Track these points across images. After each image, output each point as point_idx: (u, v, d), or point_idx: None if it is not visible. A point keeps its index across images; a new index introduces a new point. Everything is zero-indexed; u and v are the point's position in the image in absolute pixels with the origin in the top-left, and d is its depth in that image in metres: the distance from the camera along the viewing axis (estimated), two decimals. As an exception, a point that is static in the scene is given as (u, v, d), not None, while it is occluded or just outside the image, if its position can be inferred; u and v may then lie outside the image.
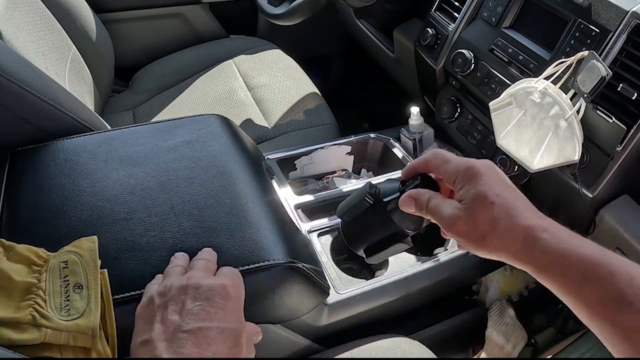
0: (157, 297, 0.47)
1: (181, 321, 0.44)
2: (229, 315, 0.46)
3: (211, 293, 0.46)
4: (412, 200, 0.49)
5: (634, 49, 0.72)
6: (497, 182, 0.46)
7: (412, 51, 1.15)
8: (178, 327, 0.43)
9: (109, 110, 1.34)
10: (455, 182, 0.47)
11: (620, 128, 0.72)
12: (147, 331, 0.44)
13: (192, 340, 0.43)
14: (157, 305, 0.46)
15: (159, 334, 0.43)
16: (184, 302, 0.46)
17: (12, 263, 0.49)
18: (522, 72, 0.87)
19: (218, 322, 0.45)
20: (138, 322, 0.46)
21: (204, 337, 0.43)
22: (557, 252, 0.40)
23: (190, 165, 0.72)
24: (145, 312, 0.47)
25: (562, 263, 0.40)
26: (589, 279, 0.38)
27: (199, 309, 0.45)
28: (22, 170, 0.70)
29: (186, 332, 0.43)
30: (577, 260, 0.39)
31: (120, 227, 0.62)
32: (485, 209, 0.44)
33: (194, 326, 0.44)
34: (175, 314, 0.45)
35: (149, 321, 0.45)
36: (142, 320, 0.46)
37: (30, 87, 0.69)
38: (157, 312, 0.45)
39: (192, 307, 0.45)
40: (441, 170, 0.49)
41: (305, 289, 0.67)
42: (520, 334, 0.95)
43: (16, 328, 0.45)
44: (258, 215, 0.67)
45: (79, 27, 1.21)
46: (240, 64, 1.43)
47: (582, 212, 0.82)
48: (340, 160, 1.09)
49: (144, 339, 0.44)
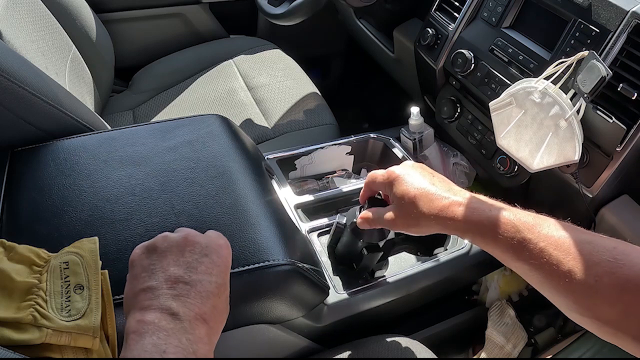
0: (154, 248, 0.47)
1: (183, 273, 0.44)
2: (224, 272, 0.47)
3: (209, 250, 0.47)
4: (364, 220, 0.65)
5: (634, 49, 0.72)
6: (415, 178, 0.59)
7: (412, 51, 1.15)
8: (180, 277, 0.44)
9: (109, 110, 1.34)
10: (385, 191, 0.63)
11: (620, 128, 0.72)
12: (148, 279, 0.44)
13: (194, 292, 0.43)
14: (157, 254, 0.46)
15: (161, 282, 0.43)
16: (183, 254, 0.46)
17: (13, 263, 0.49)
18: (522, 72, 0.87)
19: (216, 278, 0.46)
20: (135, 269, 0.46)
21: (204, 290, 0.44)
22: (471, 219, 0.53)
23: (190, 166, 0.72)
24: (141, 260, 0.46)
25: (477, 226, 0.52)
26: (498, 233, 0.50)
27: (198, 263, 0.46)
28: (22, 170, 0.70)
29: (188, 283, 0.44)
30: (488, 222, 0.51)
31: (120, 228, 0.62)
32: (409, 203, 0.57)
33: (195, 278, 0.44)
34: (176, 265, 0.45)
35: (147, 269, 0.45)
36: (141, 268, 0.45)
37: (30, 87, 0.69)
38: (156, 262, 0.45)
39: (192, 261, 0.46)
40: (375, 187, 0.64)
41: (305, 289, 0.67)
42: (520, 334, 0.95)
43: (17, 328, 0.45)
44: (258, 215, 0.67)
45: (79, 27, 1.21)
46: (240, 64, 1.43)
47: (582, 212, 0.82)
48: (340, 160, 1.09)
49: (146, 286, 0.43)
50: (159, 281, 0.43)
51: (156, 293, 0.43)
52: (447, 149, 1.13)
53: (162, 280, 0.44)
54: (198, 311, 0.42)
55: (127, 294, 0.45)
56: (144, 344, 0.38)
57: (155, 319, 0.40)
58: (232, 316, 0.62)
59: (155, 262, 0.45)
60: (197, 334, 0.41)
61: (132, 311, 0.42)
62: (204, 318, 0.43)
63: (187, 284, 0.44)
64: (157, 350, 0.38)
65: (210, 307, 0.44)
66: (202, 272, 0.45)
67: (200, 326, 0.42)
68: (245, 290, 0.61)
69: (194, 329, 0.41)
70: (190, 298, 0.43)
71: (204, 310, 0.43)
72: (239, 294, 0.53)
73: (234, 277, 0.56)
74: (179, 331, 0.40)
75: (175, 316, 0.41)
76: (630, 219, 0.79)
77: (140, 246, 0.48)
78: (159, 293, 0.43)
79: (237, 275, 0.59)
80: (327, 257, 0.83)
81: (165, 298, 0.42)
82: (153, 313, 0.41)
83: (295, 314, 0.69)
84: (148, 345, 0.38)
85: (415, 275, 0.83)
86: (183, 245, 0.47)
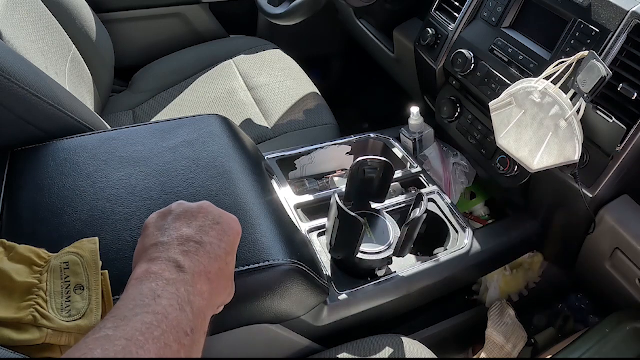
0: (169, 212, 0.48)
1: (194, 233, 0.45)
2: (233, 243, 0.48)
3: (222, 219, 0.48)
4: None
5: (634, 49, 0.72)
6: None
7: (412, 51, 1.15)
8: (191, 236, 0.44)
9: (109, 110, 1.34)
10: None
11: (620, 128, 0.72)
12: (160, 236, 0.45)
13: (203, 251, 0.44)
14: (172, 217, 0.47)
15: (172, 239, 0.44)
16: (197, 218, 0.47)
17: (13, 263, 0.49)
18: (522, 72, 0.87)
19: (225, 245, 0.46)
20: (148, 229, 0.47)
21: (213, 251, 0.45)
22: None
23: (190, 166, 0.72)
24: (156, 222, 0.47)
25: None
26: None
27: (210, 229, 0.46)
28: (22, 170, 0.70)
29: (198, 243, 0.44)
30: None
31: (120, 228, 0.62)
32: None
33: (205, 240, 0.45)
34: (188, 227, 0.46)
35: (161, 228, 0.46)
36: (154, 227, 0.46)
37: (30, 87, 0.69)
38: (170, 222, 0.46)
39: (204, 225, 0.46)
40: None
41: (305, 289, 0.67)
42: (520, 334, 0.95)
43: (17, 328, 0.45)
44: (258, 215, 0.67)
45: (79, 27, 1.21)
46: (240, 64, 1.43)
47: (582, 212, 0.82)
48: (340, 160, 1.10)
49: (157, 241, 0.44)
50: (171, 238, 0.44)
51: (166, 247, 0.43)
52: (447, 149, 1.13)
53: (174, 237, 0.44)
54: (203, 269, 0.43)
55: (137, 251, 0.46)
56: (142, 288, 0.39)
57: (159, 270, 0.41)
58: (232, 316, 0.62)
59: (169, 223, 0.46)
60: (199, 288, 0.41)
61: (140, 262, 0.43)
62: (209, 277, 0.43)
63: (197, 244, 0.44)
64: (152, 295, 0.38)
65: (217, 269, 0.44)
66: (213, 236, 0.46)
67: (203, 282, 0.42)
68: (246, 290, 0.61)
69: (196, 283, 0.41)
70: (199, 256, 0.43)
71: (210, 270, 0.43)
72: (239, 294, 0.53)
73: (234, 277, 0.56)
74: (180, 282, 0.40)
75: (181, 268, 0.41)
76: (630, 219, 0.79)
77: (155, 212, 0.49)
78: (169, 247, 0.43)
79: (237, 275, 0.59)
80: (327, 257, 0.83)
81: (174, 252, 0.43)
82: (160, 264, 0.41)
83: (295, 314, 0.70)
84: (145, 289, 0.39)
85: (415, 275, 0.83)
86: (197, 211, 0.48)
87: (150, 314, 0.36)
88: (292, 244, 0.67)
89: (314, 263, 0.72)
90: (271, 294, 0.63)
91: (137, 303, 0.37)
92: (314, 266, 0.70)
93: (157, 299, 0.38)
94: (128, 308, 0.37)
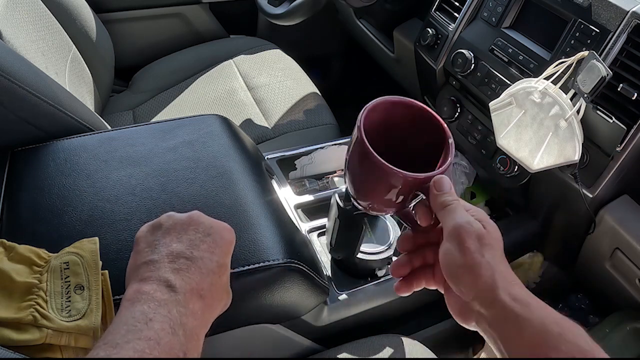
0: (159, 225, 0.47)
1: (184, 249, 0.45)
2: (225, 253, 0.47)
3: (212, 230, 0.47)
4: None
5: (634, 49, 0.72)
6: None
7: (412, 51, 1.15)
8: (181, 252, 0.44)
9: (109, 110, 1.34)
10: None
11: (620, 128, 0.72)
12: (150, 253, 0.44)
13: (194, 268, 0.44)
14: (162, 231, 0.47)
15: (162, 256, 0.44)
16: (187, 232, 0.46)
17: (13, 263, 0.49)
18: (522, 72, 0.87)
19: (217, 257, 0.46)
20: (139, 245, 0.46)
21: (205, 266, 0.44)
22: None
23: (190, 166, 0.72)
24: (146, 236, 0.47)
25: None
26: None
27: (201, 242, 0.46)
28: (22, 170, 0.70)
29: (189, 259, 0.44)
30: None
31: (120, 228, 0.62)
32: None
33: (196, 254, 0.45)
34: (178, 242, 0.45)
35: (151, 244, 0.45)
36: (145, 243, 0.46)
37: (30, 87, 0.69)
38: (159, 238, 0.46)
39: (194, 239, 0.46)
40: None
41: (305, 289, 0.67)
42: (520, 333, 0.95)
43: (17, 328, 0.45)
44: (258, 215, 0.67)
45: (79, 27, 1.21)
46: (240, 64, 1.43)
47: (582, 212, 0.82)
48: (340, 160, 1.09)
49: (148, 259, 0.44)
50: (161, 255, 0.44)
51: (157, 265, 0.43)
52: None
53: (164, 254, 0.44)
54: (195, 286, 0.43)
55: (129, 267, 0.46)
56: (134, 311, 0.39)
57: (151, 290, 0.41)
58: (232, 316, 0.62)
59: (159, 238, 0.46)
60: (191, 307, 0.41)
61: (132, 282, 0.43)
62: (201, 294, 0.43)
63: (188, 260, 0.44)
64: (144, 319, 0.38)
65: (209, 284, 0.44)
66: (204, 249, 0.45)
67: (195, 301, 0.42)
68: (246, 290, 0.61)
69: (188, 302, 0.41)
70: (190, 273, 0.43)
71: (202, 286, 0.43)
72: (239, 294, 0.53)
73: (234, 277, 0.56)
74: (171, 303, 0.40)
75: (172, 288, 0.41)
76: (630, 219, 0.79)
77: (146, 225, 0.49)
78: (160, 266, 0.43)
79: (237, 275, 0.59)
80: (327, 257, 0.83)
81: (165, 270, 0.42)
82: (150, 284, 0.41)
83: (295, 314, 0.70)
84: (137, 312, 0.38)
85: (415, 275, 0.83)
86: (187, 223, 0.47)
87: (142, 340, 0.36)
88: (292, 244, 0.67)
89: (314, 263, 0.72)
90: (271, 294, 0.63)
91: (129, 328, 0.37)
92: (314, 266, 0.70)
93: (148, 323, 0.38)
94: (120, 334, 0.37)
